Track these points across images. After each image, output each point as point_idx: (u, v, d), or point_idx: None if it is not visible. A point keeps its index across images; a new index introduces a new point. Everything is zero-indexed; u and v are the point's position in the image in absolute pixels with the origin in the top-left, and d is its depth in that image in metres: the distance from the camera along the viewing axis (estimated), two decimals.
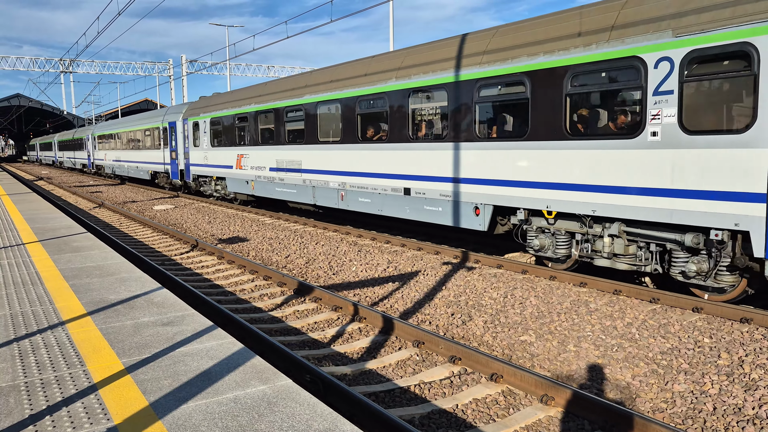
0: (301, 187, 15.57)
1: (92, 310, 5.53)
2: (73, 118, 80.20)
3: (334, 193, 14.22)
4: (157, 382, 3.81)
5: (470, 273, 9.60)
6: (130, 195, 27.34)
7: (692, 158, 7.35)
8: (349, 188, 13.65)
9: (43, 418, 3.34)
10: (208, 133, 21.35)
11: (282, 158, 16.42)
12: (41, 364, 4.15)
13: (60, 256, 8.36)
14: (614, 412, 4.63)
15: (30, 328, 4.98)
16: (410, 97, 11.80)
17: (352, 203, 13.64)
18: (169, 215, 19.33)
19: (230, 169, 19.80)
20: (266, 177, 17.38)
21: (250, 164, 18.20)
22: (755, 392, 5.18)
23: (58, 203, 23.41)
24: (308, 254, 11.85)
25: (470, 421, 4.96)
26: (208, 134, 21.35)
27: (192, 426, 3.21)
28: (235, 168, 19.34)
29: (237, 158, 19.18)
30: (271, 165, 16.99)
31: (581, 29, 8.71)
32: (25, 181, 37.91)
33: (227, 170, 20.07)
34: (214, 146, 20.90)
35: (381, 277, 9.84)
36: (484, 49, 10.30)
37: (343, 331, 7.32)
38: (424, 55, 11.78)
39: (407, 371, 6.05)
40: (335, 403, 5.08)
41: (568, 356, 6.30)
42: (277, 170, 16.67)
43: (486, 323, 7.40)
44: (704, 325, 6.85)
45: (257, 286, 9.65)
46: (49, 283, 6.63)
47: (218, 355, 4.28)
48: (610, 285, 8.36)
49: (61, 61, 58.68)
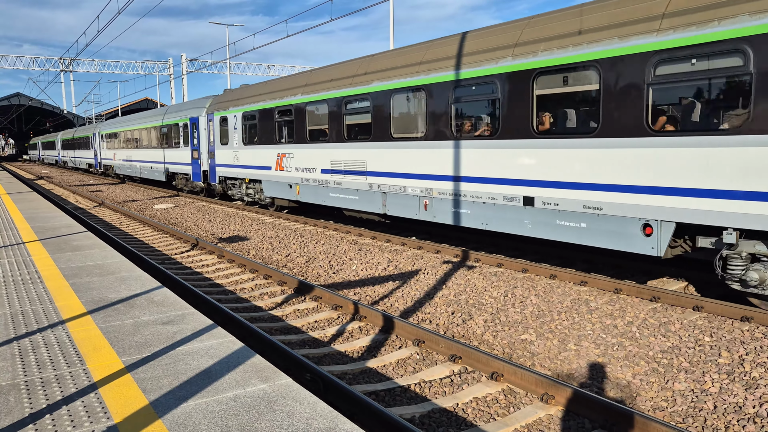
0: (366, 193, 13.03)
1: (92, 309, 5.52)
2: (73, 117, 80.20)
3: (414, 202, 11.66)
4: (157, 380, 3.80)
5: (471, 272, 9.59)
6: (131, 194, 27.34)
7: None
8: (436, 195, 11.13)
9: (43, 416, 3.33)
10: (240, 129, 18.72)
11: (339, 158, 13.89)
12: (41, 363, 4.15)
13: (60, 255, 8.36)
14: (615, 410, 4.63)
15: (30, 327, 4.97)
16: (535, 79, 9.06)
17: (441, 214, 11.11)
18: (169, 214, 19.33)
19: (268, 171, 17.19)
20: (316, 180, 14.82)
21: (295, 165, 15.70)
22: (756, 391, 5.18)
23: (59, 202, 23.40)
24: (308, 253, 11.85)
25: (471, 420, 4.96)
26: (240, 131, 18.72)
27: (192, 425, 3.20)
28: (275, 169, 16.76)
29: (277, 158, 16.61)
30: (324, 166, 14.41)
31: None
32: (25, 180, 37.90)
33: (264, 172, 17.45)
34: (248, 144, 18.32)
35: (381, 275, 9.83)
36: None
37: (344, 329, 7.32)
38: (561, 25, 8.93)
39: (407, 370, 6.04)
40: (335, 401, 5.08)
41: (568, 355, 6.30)
42: (332, 172, 14.10)
43: (486, 322, 7.40)
44: (705, 323, 6.85)
45: (257, 285, 9.65)
46: (49, 282, 6.63)
47: (218, 353, 4.28)
48: (611, 284, 8.35)
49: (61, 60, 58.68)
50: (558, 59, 8.74)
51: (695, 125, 7.43)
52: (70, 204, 23.81)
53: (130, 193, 27.67)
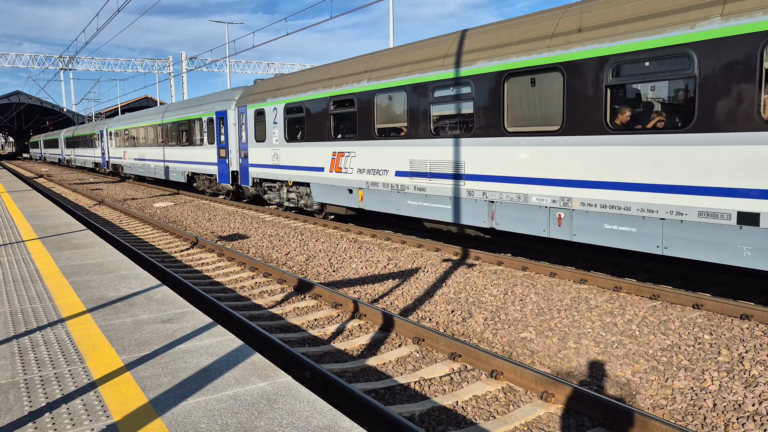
0: (464, 201, 10.51)
1: (92, 307, 5.52)
2: (73, 115, 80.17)
3: (540, 215, 9.23)
4: (156, 379, 3.80)
5: (470, 270, 9.59)
6: (130, 192, 27.33)
7: None
8: (578, 207, 8.61)
9: (42, 415, 3.33)
10: (282, 124, 16.18)
11: (422, 158, 11.38)
12: (41, 361, 4.15)
13: (60, 253, 8.36)
14: (614, 408, 4.63)
15: (30, 326, 4.97)
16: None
17: (584, 231, 8.65)
18: (169, 212, 19.32)
19: (319, 173, 14.62)
20: (388, 184, 12.23)
21: (358, 166, 13.15)
22: (755, 389, 5.18)
23: (58, 200, 23.40)
24: (308, 251, 11.85)
25: (470, 418, 4.96)
26: (282, 126, 16.19)
27: (191, 423, 3.20)
28: (329, 171, 14.21)
29: (332, 158, 14.03)
30: (400, 168, 11.89)
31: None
32: (25, 179, 37.90)
33: (313, 173, 14.89)
34: (291, 141, 15.80)
35: (381, 274, 9.83)
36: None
37: (343, 328, 7.32)
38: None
39: (407, 368, 6.04)
40: (335, 400, 5.08)
41: (568, 353, 6.30)
42: (412, 175, 11.61)
43: (486, 320, 7.40)
44: (704, 321, 6.85)
45: (257, 283, 9.65)
46: (48, 281, 6.63)
47: (218, 352, 4.28)
48: (611, 282, 8.35)
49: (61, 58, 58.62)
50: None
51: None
52: (69, 202, 23.81)
53: (129, 192, 27.66)
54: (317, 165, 14.79)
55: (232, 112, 19.68)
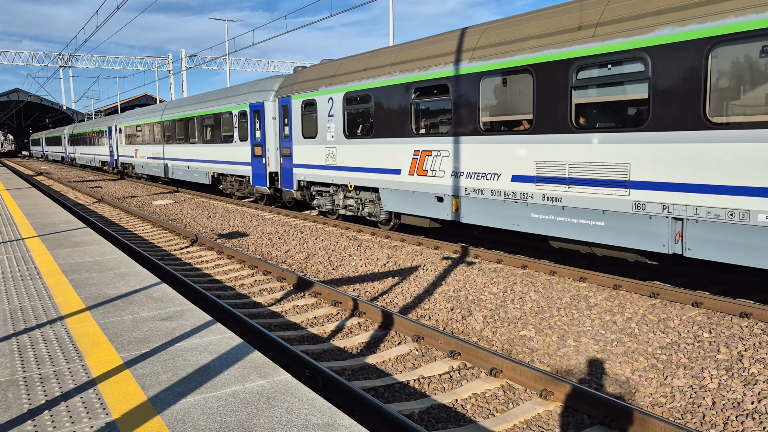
0: (631, 218, 8.01)
1: (91, 305, 5.52)
2: (73, 113, 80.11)
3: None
4: (155, 376, 3.80)
5: (470, 268, 9.59)
6: (130, 190, 27.32)
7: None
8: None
9: (41, 412, 3.33)
10: (340, 116, 13.71)
11: (557, 159, 8.86)
12: (40, 359, 4.15)
13: (59, 251, 8.35)
14: (613, 406, 4.63)
15: (29, 323, 4.97)
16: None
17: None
18: (168, 210, 19.32)
19: (394, 176, 12.19)
20: (500, 192, 9.75)
21: (452, 168, 10.70)
22: (754, 387, 5.18)
23: (58, 198, 23.39)
24: (308, 249, 11.84)
25: (470, 416, 4.96)
26: (340, 119, 13.72)
27: (191, 421, 3.20)
28: (408, 173, 11.77)
29: (414, 158, 11.62)
30: (519, 171, 9.38)
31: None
32: (24, 176, 37.88)
33: (386, 177, 12.42)
34: (353, 137, 13.39)
35: (381, 272, 9.83)
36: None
37: (343, 326, 7.32)
38: None
39: (407, 366, 6.04)
40: (334, 397, 5.08)
41: (567, 351, 6.30)
42: (539, 180, 9.13)
43: (486, 318, 7.40)
44: (704, 319, 6.85)
45: (257, 281, 9.65)
46: (48, 278, 6.62)
47: (217, 349, 4.28)
48: (610, 280, 8.35)
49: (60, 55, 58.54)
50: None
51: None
52: (69, 200, 23.80)
53: (129, 189, 27.65)
54: (390, 166, 12.27)
55: (270, 103, 17.06)
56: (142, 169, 30.75)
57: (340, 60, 14.65)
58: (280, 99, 16.64)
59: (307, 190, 16.04)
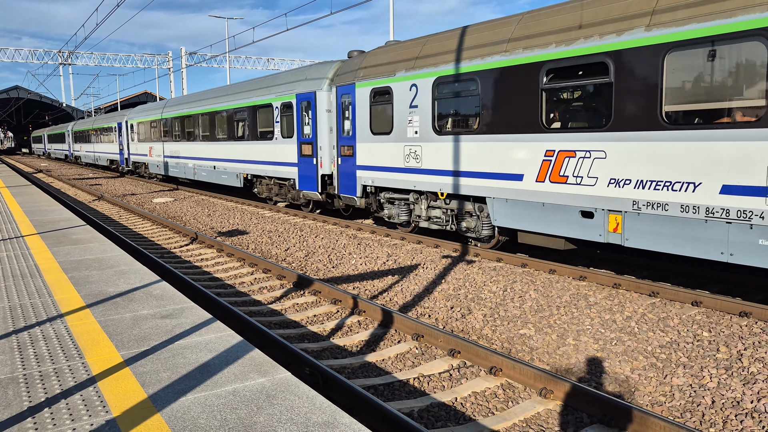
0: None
1: (91, 302, 5.52)
2: (72, 110, 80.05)
3: None
4: (155, 374, 3.80)
5: (470, 266, 9.59)
6: (130, 188, 27.31)
7: None
8: None
9: (41, 410, 3.33)
10: (428, 106, 11.25)
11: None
12: (40, 357, 4.15)
13: (59, 248, 8.35)
14: (613, 405, 4.64)
15: (29, 321, 4.97)
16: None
17: None
18: (168, 208, 19.31)
19: (511, 182, 9.69)
20: (697, 208, 7.33)
21: (609, 174, 8.29)
22: (754, 386, 5.19)
23: (58, 196, 23.39)
24: (308, 247, 11.85)
25: (469, 414, 4.97)
26: (428, 110, 11.26)
27: (191, 418, 3.20)
28: (536, 180, 9.29)
29: (545, 159, 9.15)
30: (733, 180, 7.01)
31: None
32: (24, 174, 37.87)
33: (500, 183, 9.89)
34: (444, 134, 10.93)
35: (380, 270, 9.83)
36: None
37: (343, 324, 7.32)
38: None
39: (406, 364, 6.05)
40: (334, 396, 5.08)
41: (567, 350, 6.31)
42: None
43: (485, 316, 7.41)
44: (703, 318, 6.85)
45: (256, 279, 9.65)
46: (48, 276, 6.62)
47: (217, 347, 4.28)
48: (610, 279, 8.35)
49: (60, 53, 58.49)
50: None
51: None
52: (69, 197, 23.80)
53: (129, 187, 27.64)
54: (506, 170, 9.78)
55: (324, 93, 14.62)
56: (158, 168, 27.91)
57: (424, 38, 11.95)
58: (338, 88, 13.98)
59: (373, 196, 13.37)
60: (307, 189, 15.36)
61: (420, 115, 11.55)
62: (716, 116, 7.26)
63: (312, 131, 14.98)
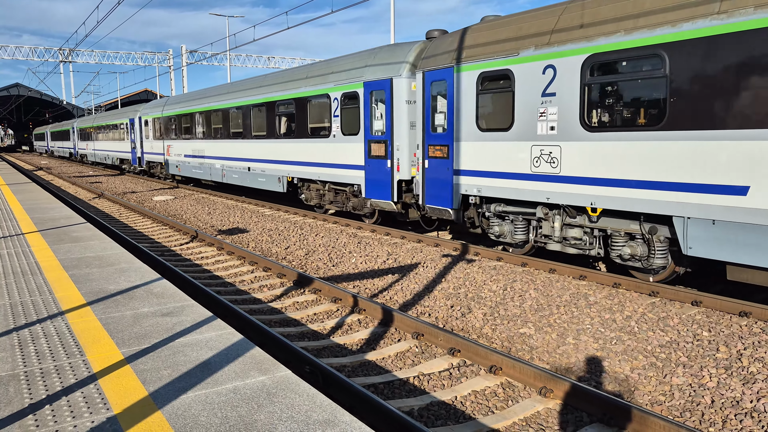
0: None
1: (92, 300, 5.53)
2: (73, 107, 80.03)
3: None
4: (156, 372, 3.81)
5: (470, 265, 9.60)
6: (130, 186, 27.31)
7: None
8: None
9: (42, 407, 3.34)
10: (575, 95, 8.73)
11: None
12: (41, 354, 4.15)
13: (59, 246, 8.36)
14: (612, 404, 4.64)
15: (29, 318, 4.98)
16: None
17: None
18: (168, 206, 19.32)
19: (724, 197, 7.16)
20: None
21: None
22: (753, 385, 5.19)
23: (58, 193, 23.39)
24: (308, 246, 11.85)
25: (469, 413, 4.98)
26: (575, 99, 8.73)
27: (191, 416, 3.21)
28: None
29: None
30: None
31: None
32: (24, 171, 37.87)
33: (702, 198, 7.38)
34: (604, 129, 8.44)
35: (381, 269, 9.84)
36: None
37: (343, 322, 7.33)
38: None
39: (406, 363, 6.06)
40: (334, 394, 5.09)
41: (567, 349, 6.31)
42: None
43: (485, 315, 7.41)
44: (703, 318, 6.86)
45: (257, 278, 9.65)
46: (48, 273, 6.63)
47: (218, 345, 4.28)
48: (610, 278, 8.36)
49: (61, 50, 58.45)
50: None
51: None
52: (69, 195, 23.80)
53: (129, 185, 27.64)
54: (721, 180, 7.15)
55: (403, 81, 12.10)
56: (177, 169, 25.24)
57: (561, 5, 9.29)
58: (425, 73, 11.43)
59: (474, 208, 10.92)
60: (377, 197, 12.78)
61: (559, 106, 8.95)
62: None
63: (386, 127, 12.44)
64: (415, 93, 12.04)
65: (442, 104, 11.15)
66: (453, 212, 11.01)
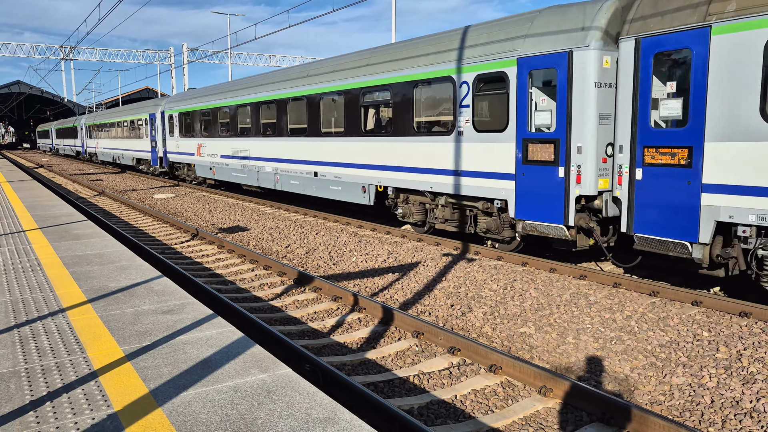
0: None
1: (92, 297, 5.54)
2: (74, 105, 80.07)
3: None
4: (157, 369, 3.82)
5: (470, 264, 9.60)
6: (131, 184, 27.32)
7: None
8: None
9: (43, 404, 3.35)
10: None
11: None
12: (42, 351, 4.16)
13: (60, 243, 8.37)
14: (612, 404, 4.65)
15: (30, 315, 4.99)
16: None
17: None
18: (169, 204, 19.33)
19: None
20: None
21: None
22: (753, 386, 5.20)
23: (59, 191, 23.41)
24: (308, 244, 11.85)
25: (469, 412, 4.98)
26: None
27: (192, 413, 3.22)
28: None
29: None
30: None
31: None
32: (25, 169, 37.89)
33: None
34: None
35: (381, 267, 9.84)
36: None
37: (343, 321, 7.34)
38: None
39: (406, 362, 6.06)
40: (334, 392, 5.10)
41: (567, 348, 6.32)
42: None
43: (485, 315, 7.42)
44: (703, 318, 6.86)
45: (257, 276, 9.66)
46: (49, 271, 6.64)
47: (218, 343, 4.29)
48: (610, 278, 8.36)
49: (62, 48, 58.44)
50: None
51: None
52: (70, 193, 23.82)
53: (130, 183, 27.65)
54: None
55: (591, 54, 8.54)
56: (211, 172, 21.60)
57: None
58: (642, 41, 8.02)
59: (740, 242, 7.42)
60: (537, 218, 9.50)
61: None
62: None
63: (557, 121, 9.11)
64: (607, 72, 8.64)
65: (678, 84, 8.03)
66: (695, 248, 7.65)
